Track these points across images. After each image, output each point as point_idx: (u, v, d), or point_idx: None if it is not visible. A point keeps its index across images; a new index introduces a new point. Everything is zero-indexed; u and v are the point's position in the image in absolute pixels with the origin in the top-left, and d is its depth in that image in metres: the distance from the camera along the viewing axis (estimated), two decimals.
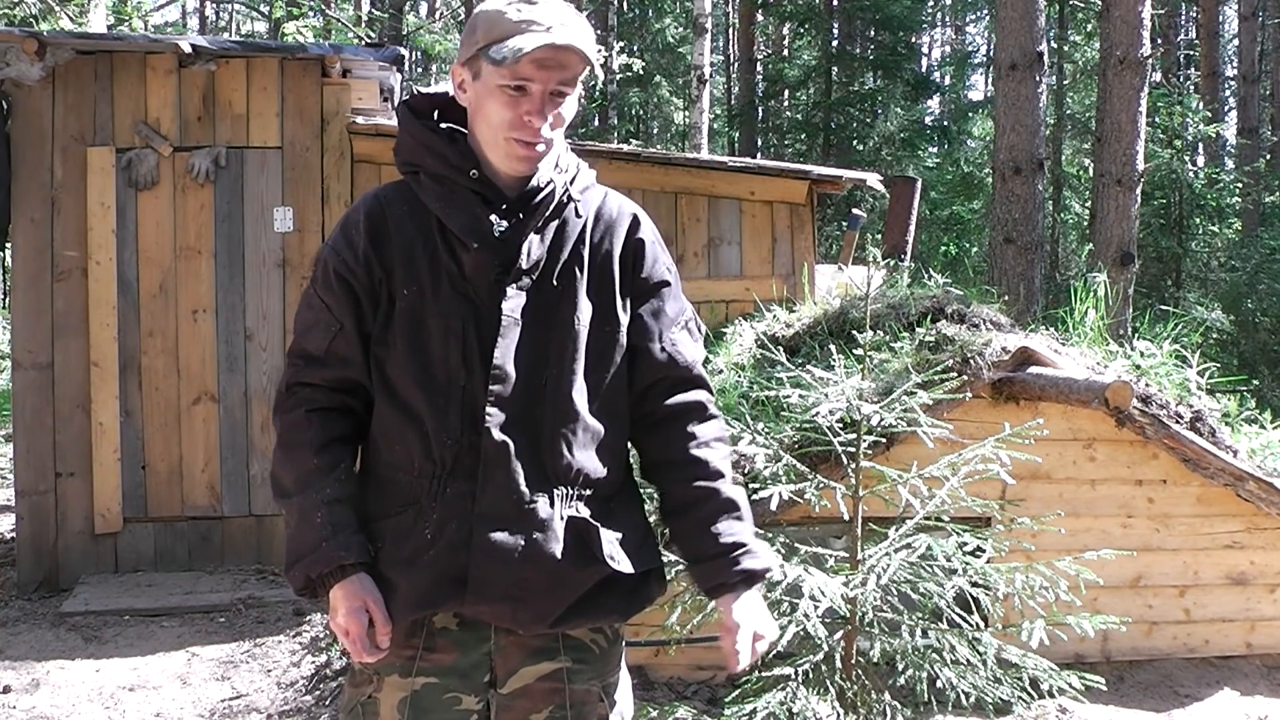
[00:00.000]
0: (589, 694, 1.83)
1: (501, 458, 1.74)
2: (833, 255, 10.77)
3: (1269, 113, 19.46)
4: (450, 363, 1.77)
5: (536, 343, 1.78)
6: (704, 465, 1.85)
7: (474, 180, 1.80)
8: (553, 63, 1.74)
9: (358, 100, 5.94)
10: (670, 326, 1.88)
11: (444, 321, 1.77)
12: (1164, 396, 4.25)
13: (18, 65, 5.53)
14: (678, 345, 1.88)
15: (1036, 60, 8.99)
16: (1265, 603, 4.46)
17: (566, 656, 1.82)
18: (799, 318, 5.08)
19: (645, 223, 1.92)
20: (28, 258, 5.66)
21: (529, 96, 1.75)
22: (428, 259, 1.80)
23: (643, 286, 1.88)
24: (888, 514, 3.31)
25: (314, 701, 4.12)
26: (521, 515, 1.75)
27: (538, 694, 1.81)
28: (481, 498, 1.74)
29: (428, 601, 1.75)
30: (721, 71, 23.70)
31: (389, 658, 1.79)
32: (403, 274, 1.79)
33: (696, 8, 12.97)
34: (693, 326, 1.93)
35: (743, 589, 1.81)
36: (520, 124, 1.76)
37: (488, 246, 1.78)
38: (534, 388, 1.77)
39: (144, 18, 12.77)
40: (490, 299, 1.78)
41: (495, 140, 1.78)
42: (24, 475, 5.65)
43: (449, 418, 1.75)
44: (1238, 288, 12.12)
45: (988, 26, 24.20)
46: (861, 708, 3.09)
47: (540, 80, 1.75)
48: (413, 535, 1.76)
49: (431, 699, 1.79)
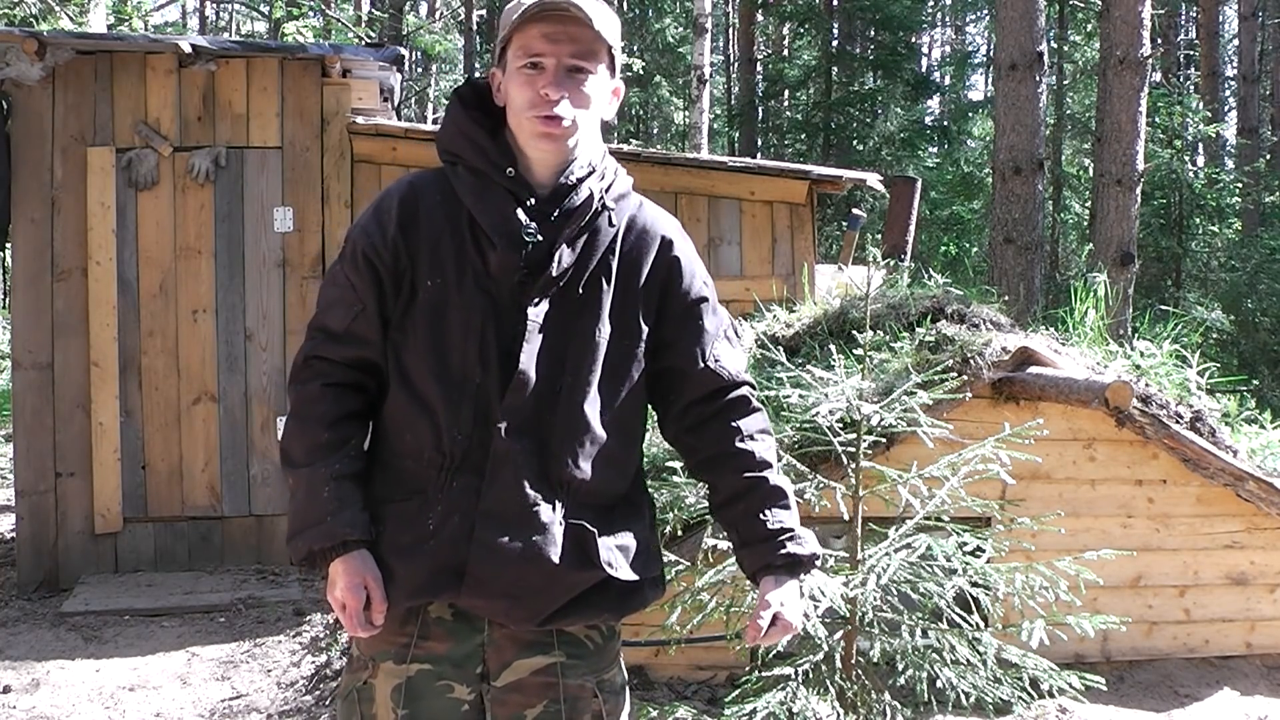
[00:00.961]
0: (583, 689, 1.84)
1: (510, 458, 1.76)
2: (833, 255, 10.77)
3: (1269, 113, 19.46)
4: (467, 358, 1.78)
5: (555, 350, 1.79)
6: (750, 456, 1.88)
7: (509, 178, 1.81)
8: (561, 36, 1.76)
9: (358, 100, 5.94)
10: (712, 342, 1.91)
11: (465, 316, 1.78)
12: (1164, 396, 4.25)
13: (18, 65, 5.53)
14: (721, 360, 1.91)
15: (1036, 60, 8.98)
16: (1265, 603, 4.46)
17: (560, 651, 1.83)
18: (799, 318, 5.07)
19: (680, 238, 1.93)
20: (28, 258, 5.66)
21: (544, 72, 1.77)
22: (454, 252, 1.80)
23: (682, 303, 1.89)
24: (888, 514, 3.31)
25: (314, 701, 4.12)
26: (524, 517, 1.76)
27: (531, 688, 1.82)
28: (487, 495, 1.75)
29: (424, 590, 1.77)
30: (721, 71, 23.70)
31: (384, 644, 1.81)
32: (428, 265, 1.80)
33: (696, 8, 12.97)
34: (732, 335, 1.96)
35: (785, 575, 1.85)
36: (538, 100, 1.77)
37: (514, 247, 1.78)
38: (548, 394, 1.78)
39: (144, 18, 12.77)
40: (511, 299, 1.79)
41: (521, 125, 1.80)
42: (24, 475, 5.65)
43: (461, 412, 1.77)
44: (1238, 288, 12.12)
45: (988, 26, 24.21)
46: (861, 708, 3.09)
47: (552, 54, 1.76)
48: (415, 523, 1.77)
49: (425, 686, 1.81)
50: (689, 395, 1.90)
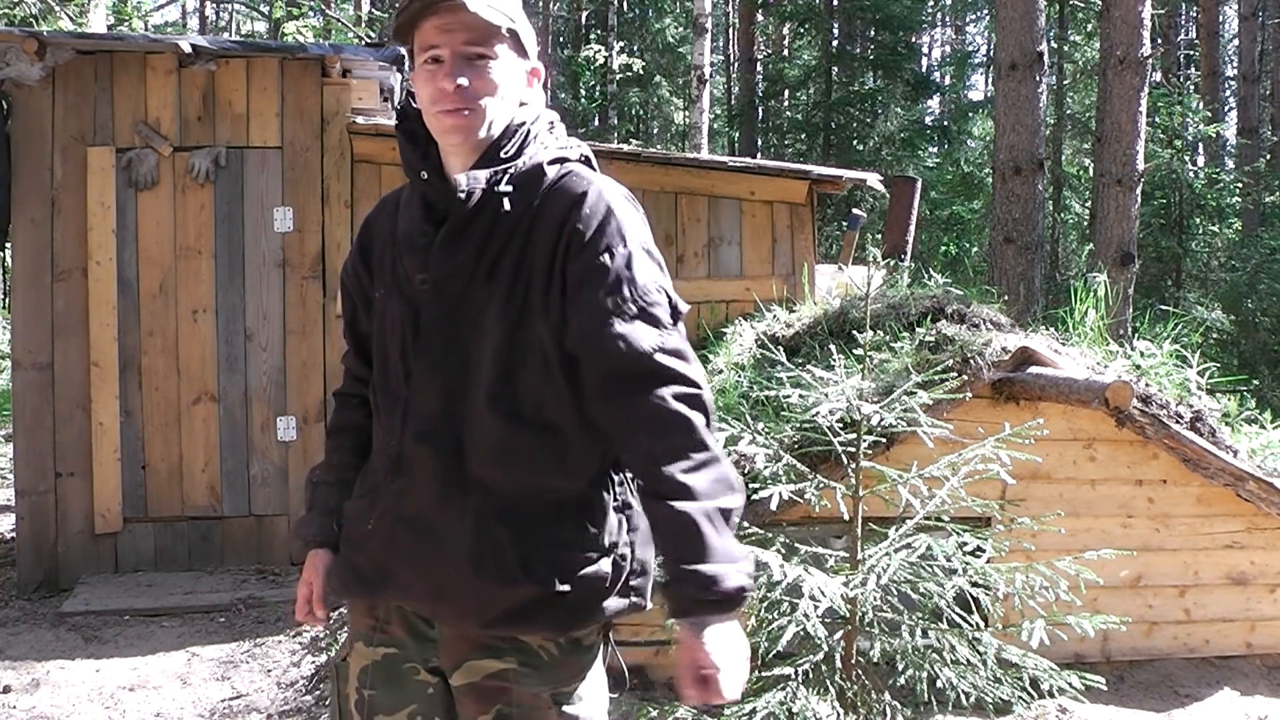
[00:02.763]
0: (538, 699, 1.77)
1: (421, 464, 1.77)
2: (833, 255, 10.76)
3: (1269, 113, 19.45)
4: (397, 366, 1.82)
5: (459, 349, 1.76)
6: (645, 468, 1.66)
7: (422, 182, 1.82)
8: (455, 25, 1.73)
9: (358, 100, 5.94)
10: (606, 316, 1.68)
11: (394, 325, 1.83)
12: (1164, 396, 4.25)
13: (18, 65, 5.53)
14: (615, 336, 1.67)
15: (1036, 60, 8.99)
16: (1265, 603, 4.46)
17: (513, 658, 1.76)
18: (799, 318, 5.08)
19: (588, 203, 1.73)
20: (28, 258, 5.66)
21: (442, 65, 1.75)
22: (390, 264, 1.86)
23: (576, 276, 1.71)
24: (888, 514, 3.32)
25: (314, 701, 4.12)
26: (437, 520, 1.76)
27: (484, 691, 1.78)
28: (405, 500, 1.79)
29: (366, 587, 1.85)
30: (721, 71, 23.70)
31: (359, 625, 1.90)
32: (377, 279, 1.90)
33: (696, 8, 12.98)
34: (655, 311, 1.70)
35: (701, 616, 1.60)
36: (439, 94, 1.74)
37: (414, 251, 1.81)
38: (459, 394, 1.76)
39: (144, 18, 12.77)
40: (423, 305, 1.80)
41: (431, 124, 1.79)
42: (24, 475, 5.65)
43: (395, 418, 1.81)
44: (1238, 288, 12.12)
45: (988, 26, 24.20)
46: (861, 708, 3.09)
47: (447, 44, 1.73)
48: (360, 522, 1.86)
49: (392, 669, 1.86)
50: (590, 380, 1.71)
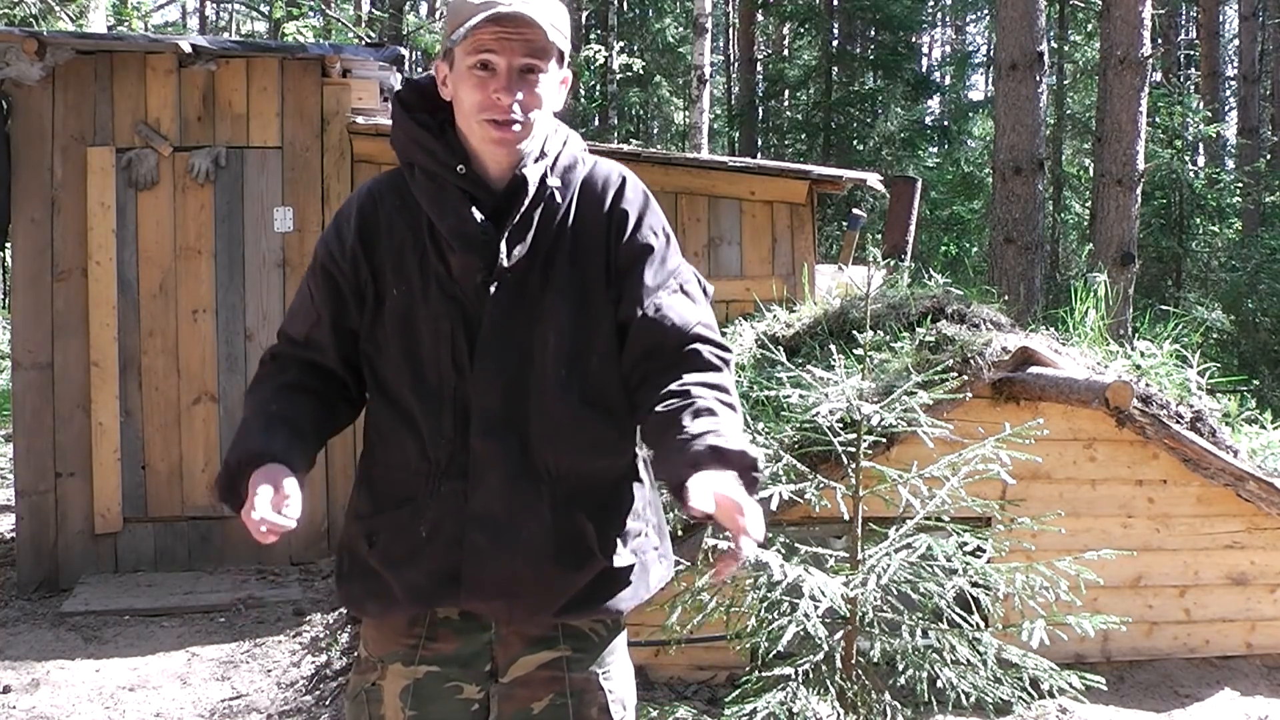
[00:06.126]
0: (589, 681, 1.83)
1: (490, 459, 1.75)
2: (833, 255, 10.76)
3: (1269, 113, 19.45)
4: (441, 366, 1.77)
5: (521, 341, 1.77)
6: (684, 392, 1.66)
7: (461, 177, 1.77)
8: (513, 36, 1.71)
9: (358, 100, 5.94)
10: (655, 292, 1.76)
11: (434, 324, 1.77)
12: (1164, 396, 4.25)
13: (18, 65, 5.53)
14: (663, 310, 1.75)
15: (1037, 60, 8.98)
16: (1265, 603, 4.46)
17: (566, 645, 1.82)
18: (799, 318, 5.08)
19: (628, 190, 1.82)
20: (28, 258, 5.66)
21: (495, 75, 1.72)
22: (418, 259, 1.79)
23: (627, 255, 1.79)
24: (888, 514, 3.31)
25: (314, 701, 4.12)
26: (512, 515, 1.75)
27: (537, 682, 1.82)
28: (473, 498, 1.76)
29: (424, 598, 1.78)
30: (721, 71, 23.69)
31: (392, 645, 1.82)
32: (393, 274, 1.80)
33: (696, 8, 12.97)
34: (693, 289, 1.81)
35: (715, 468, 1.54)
36: (490, 104, 1.72)
37: (472, 248, 1.75)
38: (520, 387, 1.77)
39: (144, 18, 12.76)
40: (477, 300, 1.77)
41: (472, 127, 1.76)
42: (24, 475, 5.65)
43: (443, 419, 1.77)
44: (1238, 288, 12.11)
45: (988, 26, 24.20)
46: (861, 708, 3.08)
47: (504, 54, 1.71)
48: (408, 532, 1.78)
49: (433, 688, 1.81)
50: (632, 350, 1.76)
